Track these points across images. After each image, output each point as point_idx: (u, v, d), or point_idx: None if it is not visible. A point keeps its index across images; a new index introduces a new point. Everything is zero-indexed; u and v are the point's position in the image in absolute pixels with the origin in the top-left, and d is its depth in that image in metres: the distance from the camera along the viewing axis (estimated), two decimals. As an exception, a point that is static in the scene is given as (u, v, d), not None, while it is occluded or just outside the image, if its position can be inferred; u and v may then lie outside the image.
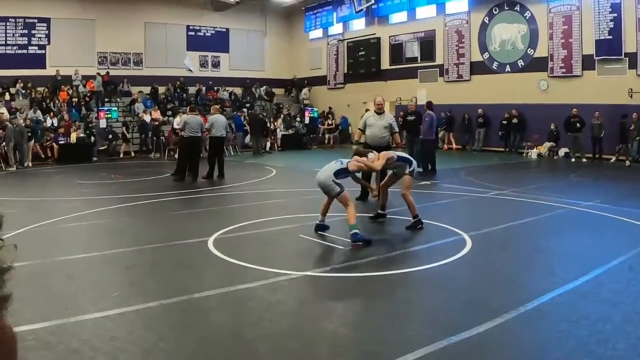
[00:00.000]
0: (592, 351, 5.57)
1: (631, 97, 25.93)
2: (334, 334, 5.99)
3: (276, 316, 6.43)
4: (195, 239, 10.02)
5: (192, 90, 36.70)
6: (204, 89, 36.98)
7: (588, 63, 27.74)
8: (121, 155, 28.29)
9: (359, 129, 14.81)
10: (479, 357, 5.48)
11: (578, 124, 26.60)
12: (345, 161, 10.73)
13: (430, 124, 20.83)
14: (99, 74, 33.25)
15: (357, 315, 6.68)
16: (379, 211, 12.12)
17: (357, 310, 6.86)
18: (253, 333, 5.89)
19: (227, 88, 38.57)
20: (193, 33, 38.57)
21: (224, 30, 39.66)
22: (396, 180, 11.87)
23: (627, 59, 26.25)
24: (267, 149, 31.94)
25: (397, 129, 14.62)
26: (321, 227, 10.93)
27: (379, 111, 14.49)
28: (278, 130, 33.69)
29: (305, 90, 40.48)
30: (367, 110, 15.53)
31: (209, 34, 39.18)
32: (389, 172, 11.88)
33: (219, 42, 39.55)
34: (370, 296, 7.40)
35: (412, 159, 11.71)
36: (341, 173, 10.56)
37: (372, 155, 11.04)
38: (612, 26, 26.55)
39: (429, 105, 21.48)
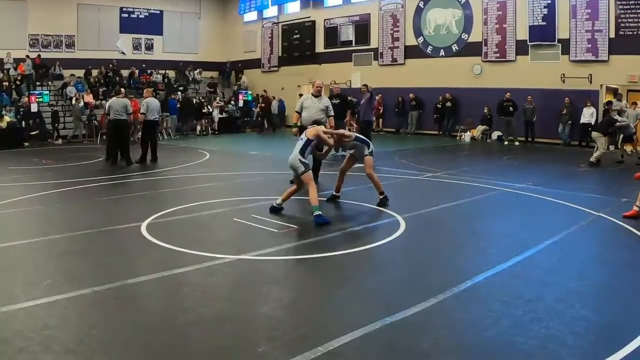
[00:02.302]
0: (526, 330, 5.68)
1: (564, 82, 26.50)
2: (269, 317, 5.99)
3: (211, 301, 6.40)
4: (128, 224, 9.89)
5: (125, 73, 36.02)
6: (137, 72, 36.35)
7: (522, 48, 28.22)
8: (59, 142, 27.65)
9: (296, 111, 14.85)
10: (415, 337, 5.53)
11: (511, 108, 27.10)
12: (304, 134, 11.00)
13: (369, 104, 20.80)
14: (28, 56, 32.32)
15: (292, 298, 6.69)
16: (334, 193, 12.28)
17: (292, 293, 6.88)
18: (188, 318, 5.85)
19: (160, 71, 37.97)
20: (126, 15, 37.85)
21: (158, 12, 39.04)
22: (354, 163, 12.19)
23: (560, 45, 26.77)
24: (199, 132, 31.79)
25: (332, 113, 14.74)
26: (275, 210, 11.02)
27: (317, 94, 14.60)
28: (214, 113, 33.39)
29: (243, 78, 40.01)
30: (300, 94, 15.59)
31: (142, 16, 38.49)
32: (347, 153, 12.04)
33: (153, 24, 38.92)
34: (305, 279, 7.45)
35: (369, 140, 12.04)
36: (305, 148, 10.73)
37: (323, 128, 11.28)
38: (545, 12, 27.02)
39: (366, 87, 21.35)
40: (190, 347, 5.22)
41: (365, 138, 12.25)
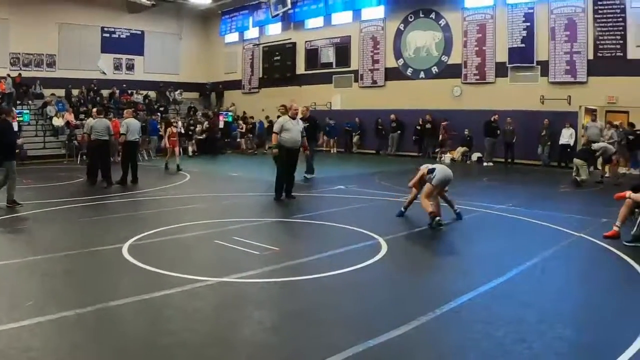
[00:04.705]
0: (509, 351, 5.71)
1: (543, 103, 26.82)
2: (252, 340, 5.97)
3: (194, 323, 6.36)
4: (110, 246, 9.78)
5: (105, 93, 35.86)
6: (117, 92, 36.17)
7: (501, 70, 28.52)
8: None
9: (275, 132, 15.07)
10: (397, 360, 5.54)
11: (498, 130, 27.34)
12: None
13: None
14: (9, 75, 32.12)
15: (275, 321, 6.63)
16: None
17: (275, 316, 6.82)
18: (171, 341, 5.81)
19: (141, 91, 37.84)
20: (108, 35, 37.83)
21: (139, 32, 39.01)
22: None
23: (539, 67, 27.19)
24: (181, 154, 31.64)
25: (304, 134, 15.60)
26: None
27: (294, 117, 15.08)
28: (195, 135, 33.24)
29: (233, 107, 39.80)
30: (278, 116, 15.78)
31: (123, 36, 38.46)
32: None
33: (134, 44, 38.89)
34: (288, 302, 7.39)
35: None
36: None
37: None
38: (525, 35, 27.39)
39: (307, 108, 21.03)
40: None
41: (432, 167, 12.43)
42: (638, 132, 23.85)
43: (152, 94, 38.69)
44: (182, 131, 29.45)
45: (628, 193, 11.23)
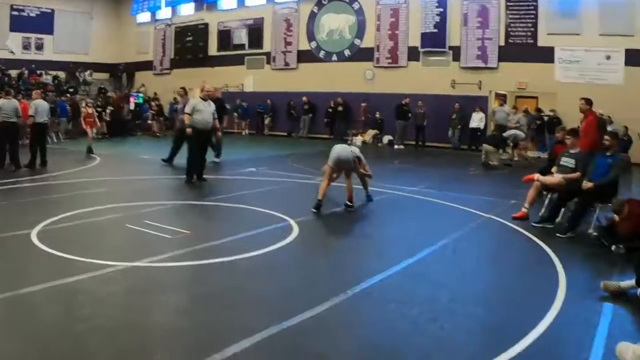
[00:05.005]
0: (422, 330, 5.80)
1: (454, 88, 27.28)
2: (165, 324, 5.87)
3: (106, 309, 6.19)
4: (18, 232, 9.40)
5: (14, 73, 34.61)
6: (26, 72, 35.02)
7: (413, 55, 28.92)
8: None
9: (187, 113, 14.94)
10: (311, 341, 5.52)
11: (409, 114, 27.67)
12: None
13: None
14: None
15: (187, 305, 6.55)
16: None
17: (188, 300, 6.73)
18: (83, 327, 5.65)
19: (50, 72, 36.77)
20: (17, 13, 36.54)
21: (49, 11, 37.82)
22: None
23: (451, 52, 27.69)
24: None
25: (216, 116, 15.50)
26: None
27: (206, 98, 15.03)
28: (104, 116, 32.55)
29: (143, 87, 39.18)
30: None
31: (33, 15, 37.22)
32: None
33: (44, 23, 37.62)
34: (200, 285, 7.27)
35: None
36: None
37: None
38: (437, 20, 27.82)
39: (184, 90, 20.59)
40: (87, 356, 5.07)
41: None
42: (545, 118, 24.52)
43: (62, 75, 37.63)
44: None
45: (536, 176, 11.49)
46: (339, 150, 12.09)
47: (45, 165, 17.84)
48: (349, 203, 11.77)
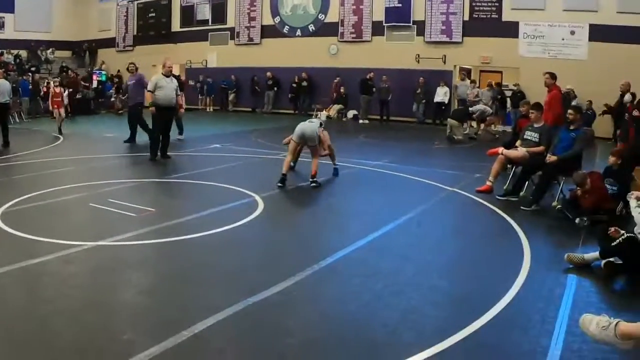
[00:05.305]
0: (388, 303, 5.82)
1: (418, 62, 27.35)
2: (131, 303, 5.85)
3: (71, 289, 6.13)
4: None
5: (-26, 53, 33.99)
6: (-13, 52, 34.46)
7: (378, 29, 28.85)
8: None
9: (148, 90, 14.87)
10: (278, 316, 5.52)
11: (374, 88, 27.70)
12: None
13: (140, 85, 18.21)
14: None
15: (153, 283, 6.52)
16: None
17: (154, 278, 6.70)
18: (48, 309, 5.58)
19: (12, 51, 35.90)
20: (-24, -9, 35.83)
21: (10, -12, 37.15)
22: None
23: (415, 26, 27.70)
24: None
25: (179, 92, 15.63)
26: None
27: (168, 74, 14.99)
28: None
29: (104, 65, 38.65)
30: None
31: (-6, -7, 36.57)
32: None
33: (4, 1, 36.65)
34: (165, 263, 7.26)
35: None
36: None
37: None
38: (402, -6, 27.68)
39: (134, 65, 19.60)
40: (53, 338, 5.00)
41: None
42: (509, 92, 24.75)
43: (24, 54, 36.79)
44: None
45: (501, 149, 11.57)
46: (304, 126, 12.06)
47: (7, 145, 17.60)
48: (312, 179, 11.75)
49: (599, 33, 23.16)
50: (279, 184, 11.51)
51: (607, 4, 23.05)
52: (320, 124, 12.50)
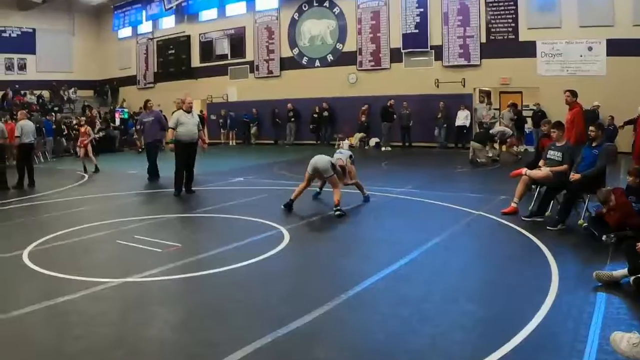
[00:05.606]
0: (415, 329, 5.78)
1: (438, 87, 27.41)
2: (159, 339, 5.84)
3: (100, 327, 6.14)
4: (9, 254, 9.33)
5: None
6: (10, 93, 34.67)
7: (396, 56, 29.08)
8: None
9: (170, 127, 15.07)
10: (307, 347, 5.51)
11: (395, 115, 27.86)
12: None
13: (158, 123, 18.91)
14: None
15: (181, 318, 6.51)
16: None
17: (181, 314, 6.69)
18: (77, 347, 5.60)
19: (34, 91, 36.54)
20: (-2, 34, 36.44)
21: (31, 30, 37.68)
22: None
23: (433, 51, 27.86)
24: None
25: (201, 127, 15.73)
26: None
27: (188, 110, 15.22)
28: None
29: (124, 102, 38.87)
30: (174, 111, 15.46)
31: (14, 35, 37.13)
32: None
33: (26, 43, 37.50)
34: (192, 298, 7.25)
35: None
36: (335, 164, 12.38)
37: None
38: (418, 21, 28.02)
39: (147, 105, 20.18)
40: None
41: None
42: (527, 112, 24.79)
43: (46, 94, 37.44)
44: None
45: (524, 170, 11.52)
46: (317, 159, 12.29)
47: (33, 185, 17.79)
48: (336, 208, 11.73)
49: (616, 47, 23.19)
50: (284, 207, 12.16)
51: (623, 18, 23.08)
52: (351, 156, 12.80)
